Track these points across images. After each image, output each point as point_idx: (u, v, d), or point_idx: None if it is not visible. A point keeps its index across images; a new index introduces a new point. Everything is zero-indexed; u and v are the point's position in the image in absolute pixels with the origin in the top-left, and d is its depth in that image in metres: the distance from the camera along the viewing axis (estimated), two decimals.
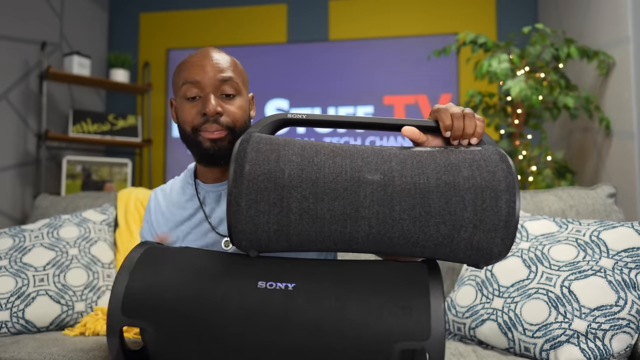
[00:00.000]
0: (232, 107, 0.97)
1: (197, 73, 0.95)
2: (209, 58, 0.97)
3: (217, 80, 0.95)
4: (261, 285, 0.73)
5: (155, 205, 1.10)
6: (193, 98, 0.96)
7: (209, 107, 0.94)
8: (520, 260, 1.27)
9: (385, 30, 3.58)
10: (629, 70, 2.16)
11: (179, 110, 0.99)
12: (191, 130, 0.97)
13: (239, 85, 0.98)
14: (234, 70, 0.98)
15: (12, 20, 2.92)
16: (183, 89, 0.96)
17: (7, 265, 1.47)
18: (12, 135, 2.92)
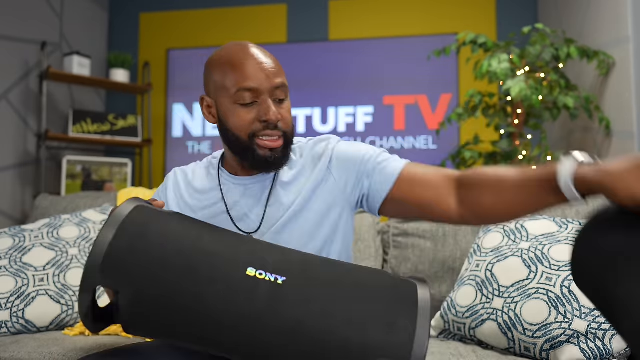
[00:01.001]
0: (284, 111, 0.97)
1: (253, 79, 0.94)
2: (259, 61, 0.96)
3: (273, 86, 0.95)
4: (251, 271, 0.70)
5: (174, 184, 1.07)
6: (249, 104, 0.95)
7: (270, 115, 0.93)
8: (520, 260, 1.27)
9: (385, 30, 3.58)
10: (629, 70, 2.16)
11: (229, 114, 0.96)
12: (247, 137, 0.95)
13: (287, 88, 0.99)
14: (282, 72, 0.99)
15: (12, 20, 2.93)
16: (238, 94, 0.94)
17: (7, 265, 1.47)
18: (12, 135, 2.92)
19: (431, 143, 3.47)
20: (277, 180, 1.01)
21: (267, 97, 0.94)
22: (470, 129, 3.41)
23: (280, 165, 0.98)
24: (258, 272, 0.70)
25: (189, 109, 3.73)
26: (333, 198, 1.00)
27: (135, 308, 0.69)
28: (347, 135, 3.55)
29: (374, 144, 3.52)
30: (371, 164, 1.00)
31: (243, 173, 1.02)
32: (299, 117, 3.62)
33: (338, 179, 1.01)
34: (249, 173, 1.02)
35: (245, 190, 1.01)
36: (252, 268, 0.71)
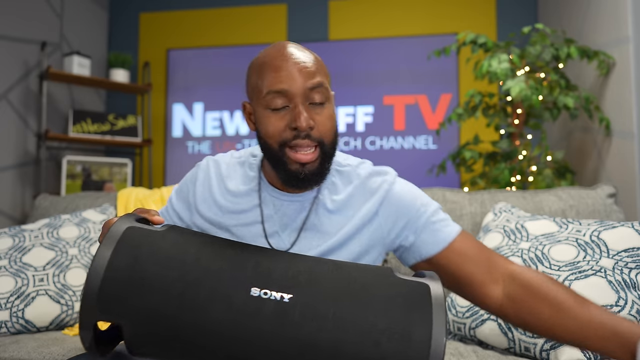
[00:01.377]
0: (322, 117, 0.86)
1: (283, 80, 0.83)
2: (294, 59, 0.85)
3: (307, 88, 0.84)
4: (254, 292, 0.67)
5: (205, 177, 0.98)
6: (280, 108, 0.85)
7: (300, 122, 0.82)
8: (520, 260, 1.27)
9: (385, 30, 3.58)
10: (629, 70, 2.16)
11: (262, 120, 0.87)
12: (278, 146, 0.85)
13: (328, 91, 0.87)
14: (320, 71, 0.86)
15: (12, 20, 2.93)
16: (267, 98, 0.84)
17: (7, 265, 1.47)
18: (12, 135, 2.92)
19: (431, 143, 3.47)
20: (318, 204, 0.92)
21: (299, 101, 0.84)
22: (470, 129, 3.41)
23: (315, 183, 0.87)
24: (262, 292, 0.67)
25: (189, 109, 3.73)
26: (374, 241, 0.93)
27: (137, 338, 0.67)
28: (347, 135, 3.55)
29: (374, 144, 3.52)
30: (423, 220, 0.92)
31: (282, 187, 0.93)
32: None
33: (384, 223, 0.93)
34: (289, 189, 0.92)
35: (281, 206, 0.93)
36: (255, 288, 0.67)
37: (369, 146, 3.52)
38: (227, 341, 0.65)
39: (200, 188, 0.97)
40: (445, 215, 0.96)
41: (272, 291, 0.67)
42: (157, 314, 0.66)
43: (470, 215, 1.61)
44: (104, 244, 0.68)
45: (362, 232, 0.92)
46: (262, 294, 0.67)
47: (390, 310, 0.67)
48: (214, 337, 0.66)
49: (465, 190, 2.08)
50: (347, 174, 0.96)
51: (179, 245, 0.71)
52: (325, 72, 0.88)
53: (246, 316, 0.66)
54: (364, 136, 3.53)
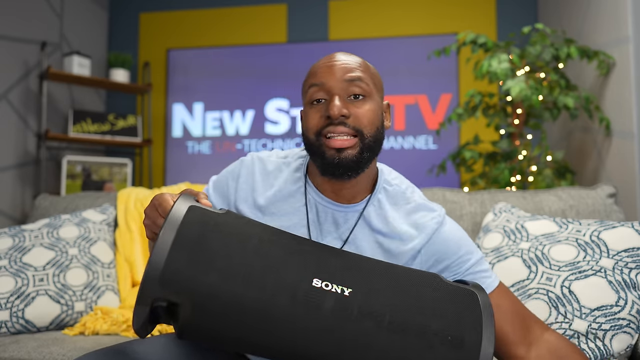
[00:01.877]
0: (360, 109, 0.86)
1: (323, 75, 0.87)
2: (337, 59, 0.89)
3: (344, 80, 0.86)
4: (317, 283, 0.67)
5: (249, 173, 0.96)
6: (318, 101, 0.87)
7: (333, 109, 0.83)
8: (520, 260, 1.27)
9: (385, 30, 3.58)
10: (629, 70, 2.16)
11: (305, 117, 0.90)
12: (314, 137, 0.87)
13: (370, 87, 0.89)
14: (364, 70, 0.89)
15: (12, 20, 2.92)
16: (309, 92, 0.88)
17: (7, 265, 1.47)
18: (12, 135, 2.92)
19: (431, 143, 3.47)
20: (364, 220, 0.92)
21: (335, 93, 0.86)
22: (470, 129, 3.41)
23: (354, 170, 0.86)
24: (324, 283, 0.67)
25: (189, 109, 3.73)
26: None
27: (195, 320, 0.66)
28: None
29: None
30: (465, 268, 0.91)
31: (328, 193, 0.92)
32: (298, 117, 3.62)
33: (425, 261, 0.92)
34: (334, 196, 0.92)
35: (325, 213, 0.92)
36: (317, 279, 0.67)
37: None
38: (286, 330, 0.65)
39: (244, 186, 0.96)
40: (487, 266, 0.95)
41: (334, 284, 0.67)
42: (221, 293, 0.65)
43: (470, 215, 1.61)
44: (169, 221, 0.67)
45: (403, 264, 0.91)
46: (324, 285, 0.67)
47: (443, 313, 0.68)
48: (275, 324, 0.65)
49: (465, 190, 2.08)
50: (394, 195, 0.95)
51: (242, 230, 0.71)
52: (370, 73, 0.90)
53: (308, 308, 0.66)
54: None
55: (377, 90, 0.92)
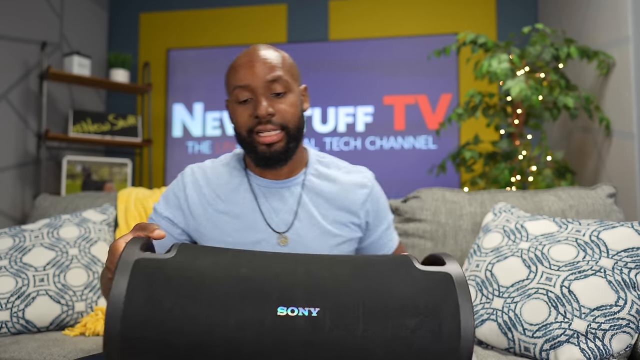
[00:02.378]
0: (283, 105, 0.97)
1: (246, 76, 0.96)
2: (257, 57, 0.97)
3: (267, 81, 0.96)
4: (282, 311, 0.66)
5: (193, 182, 1.06)
6: (245, 101, 0.97)
7: (260, 110, 0.94)
8: (520, 260, 1.27)
9: (385, 30, 3.58)
10: (629, 70, 2.16)
11: (233, 113, 1.00)
12: (246, 134, 0.98)
13: (289, 82, 0.98)
14: (282, 66, 0.98)
15: (12, 20, 2.93)
16: (235, 93, 0.97)
17: (7, 265, 1.47)
18: (12, 135, 2.92)
19: (431, 143, 3.47)
20: (308, 188, 1.05)
21: (260, 92, 0.96)
22: (470, 129, 3.41)
23: (283, 161, 0.99)
24: (289, 309, 0.66)
25: (189, 109, 3.73)
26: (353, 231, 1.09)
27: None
28: (347, 135, 3.55)
29: (374, 144, 3.52)
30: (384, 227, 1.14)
31: (268, 175, 1.05)
32: None
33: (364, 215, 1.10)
34: (275, 175, 1.04)
35: (273, 193, 1.04)
36: (282, 307, 0.66)
37: (369, 146, 3.52)
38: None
39: (192, 192, 1.05)
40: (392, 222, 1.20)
41: (299, 307, 0.66)
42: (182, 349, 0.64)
43: (470, 215, 1.61)
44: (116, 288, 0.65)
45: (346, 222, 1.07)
46: (290, 311, 0.66)
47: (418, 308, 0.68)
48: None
49: (465, 190, 2.08)
50: (327, 164, 1.11)
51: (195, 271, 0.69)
52: (287, 68, 0.99)
53: (279, 336, 0.65)
54: (364, 136, 3.53)
55: (295, 81, 1.01)
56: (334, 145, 3.56)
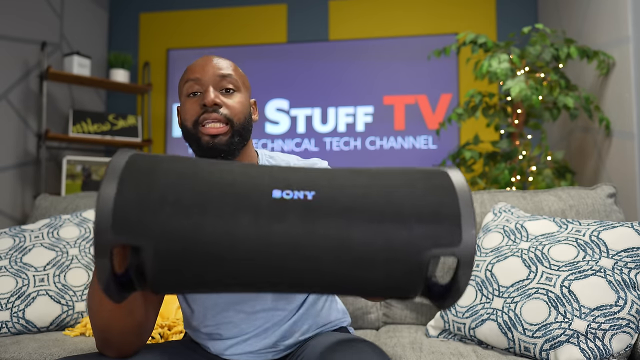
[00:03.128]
0: (231, 100, 0.99)
1: (197, 71, 0.99)
2: (209, 60, 1.01)
3: (217, 76, 0.98)
4: (276, 194, 0.64)
5: None
6: (194, 94, 0.99)
7: (207, 98, 0.96)
8: (520, 260, 1.27)
9: (385, 30, 3.58)
10: (629, 70, 2.16)
11: (182, 109, 1.01)
12: (192, 125, 0.98)
13: (238, 83, 1.01)
14: (233, 70, 1.01)
15: (12, 20, 2.93)
16: (185, 87, 0.99)
17: (7, 265, 1.47)
18: (12, 135, 2.92)
19: (431, 143, 3.47)
20: None
21: (209, 84, 0.98)
22: (470, 129, 3.41)
23: (227, 154, 0.99)
24: (284, 192, 0.64)
25: None
26: None
27: (161, 263, 0.62)
28: (347, 136, 3.55)
29: (374, 144, 3.52)
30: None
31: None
32: (299, 117, 3.62)
33: None
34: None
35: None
36: (276, 190, 0.64)
37: (369, 146, 3.52)
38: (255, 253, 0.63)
39: None
40: None
41: (294, 191, 0.64)
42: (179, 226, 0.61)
43: None
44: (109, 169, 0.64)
45: None
46: (285, 194, 0.64)
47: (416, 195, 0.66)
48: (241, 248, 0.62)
49: None
50: (277, 161, 1.10)
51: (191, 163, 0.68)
52: (238, 73, 1.03)
53: (273, 221, 0.62)
54: (364, 136, 3.53)
55: (245, 89, 1.04)
56: (334, 145, 3.56)
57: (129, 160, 0.66)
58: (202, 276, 0.64)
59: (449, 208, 0.65)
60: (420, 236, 0.63)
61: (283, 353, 1.01)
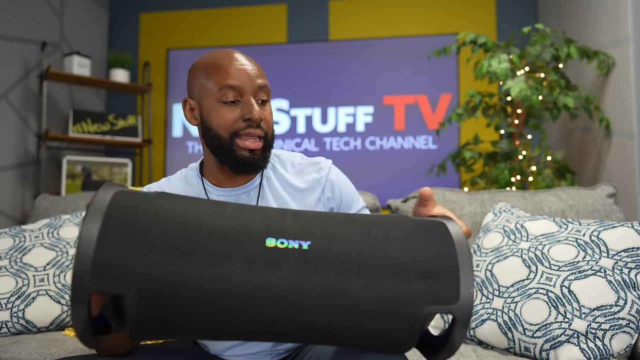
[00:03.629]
0: (267, 113, 0.97)
1: (236, 77, 0.94)
2: (241, 61, 0.96)
3: (256, 86, 0.95)
4: (270, 242, 0.61)
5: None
6: (232, 102, 0.94)
7: (254, 113, 0.92)
8: (520, 260, 1.27)
9: (385, 30, 3.58)
10: (629, 70, 2.16)
11: (212, 114, 0.95)
12: (229, 136, 0.94)
13: (269, 91, 0.99)
14: (264, 76, 0.99)
15: (12, 20, 2.93)
16: (221, 92, 0.93)
17: (7, 265, 1.47)
18: (12, 135, 2.92)
19: (431, 143, 3.47)
20: (264, 189, 1.01)
21: (250, 97, 0.94)
22: (470, 129, 3.41)
23: (259, 167, 0.97)
24: (279, 241, 0.61)
25: None
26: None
27: (142, 309, 0.59)
28: (347, 136, 3.55)
29: (374, 144, 3.52)
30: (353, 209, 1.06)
31: (226, 183, 1.01)
32: (299, 117, 3.62)
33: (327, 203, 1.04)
34: (232, 184, 1.00)
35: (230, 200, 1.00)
36: (271, 238, 0.61)
37: (369, 146, 3.52)
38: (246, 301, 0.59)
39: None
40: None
41: (289, 240, 0.62)
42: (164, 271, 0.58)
43: (470, 215, 1.61)
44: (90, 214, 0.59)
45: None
46: (279, 243, 0.61)
47: (412, 247, 0.64)
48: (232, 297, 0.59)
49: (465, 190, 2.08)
50: (283, 162, 1.07)
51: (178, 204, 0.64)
52: (265, 75, 1.00)
53: (267, 270, 0.59)
54: (364, 136, 3.53)
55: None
56: (334, 145, 3.56)
57: (113, 199, 0.61)
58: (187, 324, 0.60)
59: (448, 264, 0.63)
60: (419, 292, 0.62)
61: (282, 356, 1.01)
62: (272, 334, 0.62)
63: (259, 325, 0.61)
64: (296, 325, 0.61)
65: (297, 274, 0.60)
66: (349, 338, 0.63)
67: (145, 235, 0.59)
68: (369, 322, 0.61)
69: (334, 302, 0.60)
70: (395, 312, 0.61)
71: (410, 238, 0.65)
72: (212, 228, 0.61)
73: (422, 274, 0.62)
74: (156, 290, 0.58)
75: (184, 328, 0.61)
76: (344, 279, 0.61)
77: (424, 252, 0.64)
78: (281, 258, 0.60)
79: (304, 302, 0.60)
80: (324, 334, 0.62)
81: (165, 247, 0.59)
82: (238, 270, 0.59)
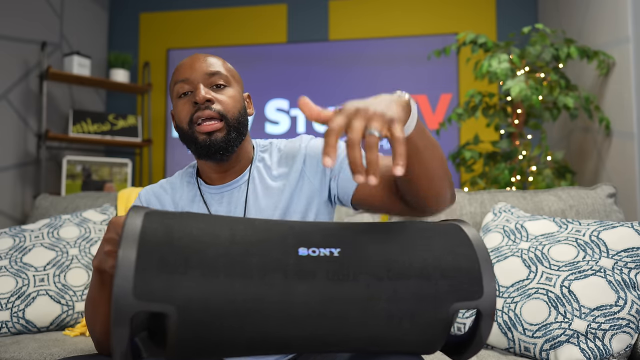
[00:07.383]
0: (222, 95, 0.97)
1: (185, 71, 0.97)
2: (196, 58, 1.00)
3: (206, 73, 0.97)
4: (302, 252, 0.63)
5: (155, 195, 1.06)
6: (185, 94, 0.97)
7: (198, 95, 0.94)
8: (520, 260, 1.27)
9: (385, 30, 3.58)
10: (629, 70, 2.16)
11: (175, 111, 0.99)
12: (187, 126, 0.96)
13: (229, 77, 0.99)
14: (222, 65, 1.00)
15: (12, 20, 2.93)
16: (175, 88, 0.98)
17: (7, 265, 1.47)
18: (12, 135, 2.92)
19: None
20: (254, 182, 1.02)
21: (199, 82, 0.96)
22: (470, 129, 3.41)
23: (225, 150, 0.96)
24: (310, 250, 0.63)
25: None
26: (309, 199, 1.01)
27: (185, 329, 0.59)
28: None
29: None
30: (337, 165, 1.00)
31: (217, 181, 1.02)
32: (299, 117, 3.62)
33: (312, 179, 1.02)
34: (223, 180, 1.02)
35: (222, 198, 1.02)
36: (302, 248, 0.63)
37: None
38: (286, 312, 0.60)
39: (156, 204, 1.05)
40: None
41: (320, 248, 0.64)
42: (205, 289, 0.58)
43: (470, 215, 1.61)
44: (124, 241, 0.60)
45: (295, 195, 1.01)
46: (311, 252, 0.63)
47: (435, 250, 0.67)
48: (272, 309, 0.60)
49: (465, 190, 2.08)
50: (270, 151, 1.07)
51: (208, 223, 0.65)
52: (227, 68, 1.01)
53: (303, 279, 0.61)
54: None
55: (237, 82, 1.02)
56: None
57: (145, 222, 0.62)
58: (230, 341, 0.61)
59: (469, 262, 0.66)
60: (445, 291, 0.64)
61: (288, 356, 1.00)
62: (310, 344, 0.63)
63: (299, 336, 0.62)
64: (334, 332, 0.63)
65: (331, 280, 0.62)
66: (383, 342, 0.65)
67: (182, 255, 0.60)
68: (401, 324, 0.64)
69: (369, 307, 0.63)
70: (425, 311, 0.64)
71: (430, 241, 0.68)
72: (246, 243, 0.63)
73: (446, 273, 0.65)
74: (199, 306, 0.59)
75: (225, 345, 0.61)
76: (376, 283, 0.63)
77: (446, 253, 0.67)
78: (315, 266, 0.62)
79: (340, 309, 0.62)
80: (360, 340, 0.64)
81: (202, 265, 0.60)
82: (277, 282, 0.61)
